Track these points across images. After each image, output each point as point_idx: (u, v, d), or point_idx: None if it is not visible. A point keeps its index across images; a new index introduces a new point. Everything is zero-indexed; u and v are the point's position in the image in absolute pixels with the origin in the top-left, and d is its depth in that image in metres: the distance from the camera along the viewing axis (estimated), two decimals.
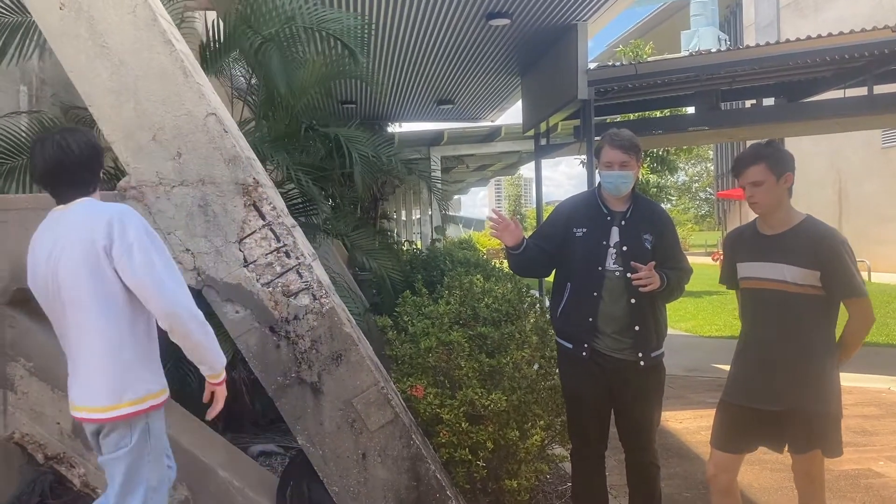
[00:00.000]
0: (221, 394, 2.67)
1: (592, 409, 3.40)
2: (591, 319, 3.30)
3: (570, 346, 3.40)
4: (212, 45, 5.28)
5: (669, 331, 3.55)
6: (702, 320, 12.61)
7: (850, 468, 4.75)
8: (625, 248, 3.30)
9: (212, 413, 2.68)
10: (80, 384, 2.52)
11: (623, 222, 3.36)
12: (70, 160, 2.47)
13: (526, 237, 3.43)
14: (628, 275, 3.25)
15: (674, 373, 4.54)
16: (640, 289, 3.20)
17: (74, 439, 3.22)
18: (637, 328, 3.28)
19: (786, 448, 3.03)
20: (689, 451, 5.34)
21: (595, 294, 3.29)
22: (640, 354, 3.29)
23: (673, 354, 3.68)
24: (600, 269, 3.30)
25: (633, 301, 3.27)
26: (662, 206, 3.91)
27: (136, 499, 2.52)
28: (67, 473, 3.27)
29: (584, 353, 3.33)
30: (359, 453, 3.22)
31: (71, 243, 2.41)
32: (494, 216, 3.37)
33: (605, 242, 3.33)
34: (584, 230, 3.37)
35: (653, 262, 3.22)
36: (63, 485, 3.74)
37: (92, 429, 2.55)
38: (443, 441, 3.47)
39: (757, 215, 3.07)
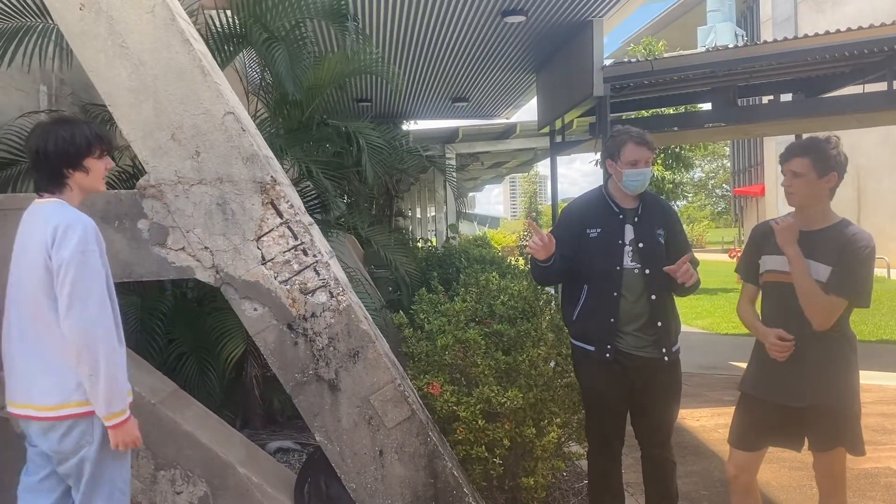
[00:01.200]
0: (121, 438, 2.45)
1: (613, 410, 3.38)
2: (612, 320, 3.28)
3: (591, 348, 3.36)
4: (220, 39, 5.31)
5: (685, 328, 3.54)
6: (718, 318, 12.53)
7: (869, 466, 4.72)
8: (641, 245, 3.29)
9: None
10: (20, 380, 2.47)
11: (636, 219, 3.34)
12: (45, 151, 2.46)
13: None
14: (647, 271, 3.25)
15: (690, 370, 4.52)
16: (682, 284, 3.18)
17: None
18: (660, 324, 3.28)
19: (805, 446, 3.01)
20: (705, 448, 5.32)
21: (615, 294, 3.27)
22: (664, 350, 3.29)
23: (689, 352, 3.67)
24: (619, 268, 3.28)
25: (653, 297, 3.26)
26: (678, 203, 3.89)
27: (102, 499, 2.47)
28: None
29: (607, 355, 3.30)
30: (376, 450, 3.23)
31: (34, 242, 2.42)
32: (538, 238, 3.21)
33: (620, 241, 3.31)
34: (598, 230, 3.35)
35: (688, 255, 3.21)
36: None
37: (36, 428, 2.46)
38: (459, 438, 3.47)
39: (792, 207, 3.04)
